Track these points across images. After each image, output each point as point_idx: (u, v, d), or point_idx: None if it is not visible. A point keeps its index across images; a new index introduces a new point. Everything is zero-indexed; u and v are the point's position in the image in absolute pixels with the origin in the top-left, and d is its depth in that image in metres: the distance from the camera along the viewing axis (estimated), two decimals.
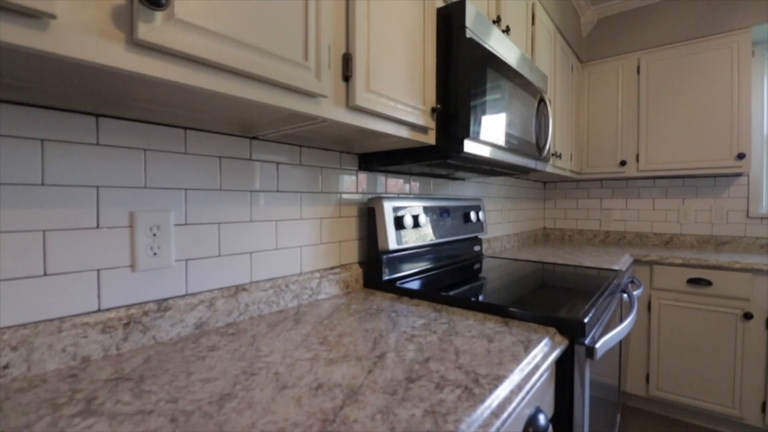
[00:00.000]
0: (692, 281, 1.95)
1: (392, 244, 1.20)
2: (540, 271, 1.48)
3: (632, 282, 1.92)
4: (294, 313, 0.97)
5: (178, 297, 0.83)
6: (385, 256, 1.21)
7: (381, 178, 1.38)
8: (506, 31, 1.42)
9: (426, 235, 1.38)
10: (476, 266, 1.58)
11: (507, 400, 0.58)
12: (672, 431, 1.96)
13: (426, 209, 1.40)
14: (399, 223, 1.24)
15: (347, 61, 0.78)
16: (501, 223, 2.30)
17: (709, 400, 1.93)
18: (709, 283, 1.91)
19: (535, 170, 1.55)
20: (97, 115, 0.73)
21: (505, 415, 0.56)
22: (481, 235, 1.83)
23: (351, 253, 1.25)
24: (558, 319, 0.87)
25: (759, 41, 2.25)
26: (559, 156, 2.06)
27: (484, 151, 1.11)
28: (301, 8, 0.69)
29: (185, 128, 0.85)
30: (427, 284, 1.20)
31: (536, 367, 0.70)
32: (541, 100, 1.49)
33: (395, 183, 1.45)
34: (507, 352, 0.72)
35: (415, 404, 0.54)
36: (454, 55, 1.05)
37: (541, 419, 0.71)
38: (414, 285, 1.19)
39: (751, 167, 2.27)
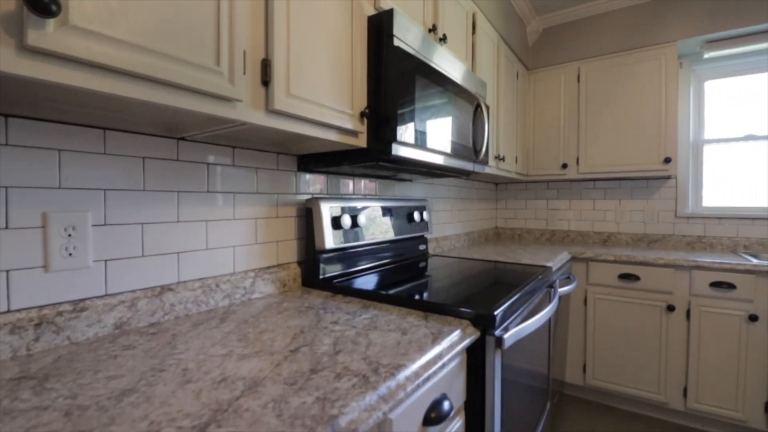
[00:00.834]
0: (623, 276, 2.10)
1: (329, 244, 1.24)
2: (478, 269, 1.55)
3: (567, 278, 2.04)
4: (223, 313, 0.98)
5: (97, 297, 0.83)
6: (321, 256, 1.24)
7: (321, 179, 1.41)
8: (443, 39, 1.49)
9: (367, 234, 1.42)
10: (420, 264, 1.64)
11: (401, 387, 0.63)
12: (606, 417, 2.10)
13: (367, 209, 1.44)
14: (336, 223, 1.28)
15: (266, 66, 0.81)
16: (451, 223, 2.38)
17: (638, 387, 2.08)
18: (637, 278, 2.07)
19: (473, 172, 1.63)
20: (7, 116, 0.72)
21: (395, 400, 0.60)
22: (426, 235, 1.90)
23: (289, 252, 1.28)
24: (472, 312, 0.93)
25: (685, 54, 2.45)
26: (503, 159, 2.16)
27: (414, 154, 1.17)
28: (212, 15, 0.71)
29: (104, 129, 0.84)
30: (367, 282, 1.24)
31: (440, 357, 0.75)
32: (478, 106, 1.57)
33: (338, 184, 1.48)
34: (415, 344, 0.77)
35: (310, 393, 0.58)
36: (384, 62, 1.10)
37: (446, 405, 0.76)
38: (353, 283, 1.22)
39: (677, 171, 2.47)
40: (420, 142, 1.18)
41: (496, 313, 0.92)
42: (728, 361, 1.87)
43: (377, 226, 1.50)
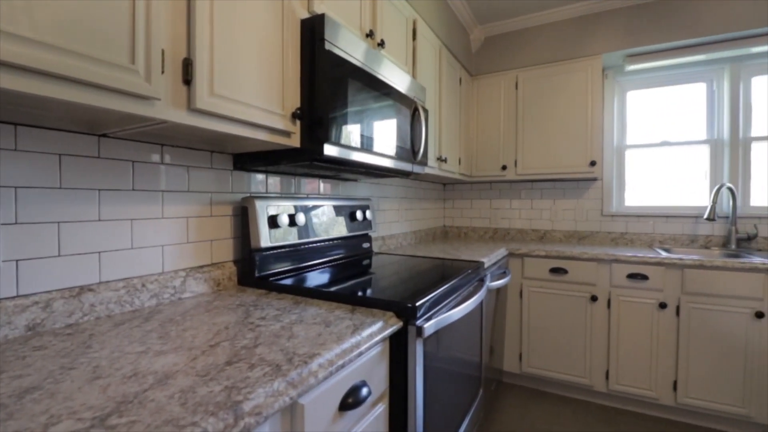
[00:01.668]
0: (553, 270, 2.27)
1: (265, 243, 1.25)
2: (417, 265, 1.62)
3: (503, 272, 2.17)
4: (148, 312, 0.97)
5: (7, 299, 0.80)
6: (257, 254, 1.25)
7: (260, 178, 1.42)
8: (381, 44, 1.54)
9: (306, 233, 1.45)
10: (364, 262, 1.69)
11: (312, 374, 0.67)
12: (540, 402, 2.26)
13: (306, 208, 1.47)
14: (273, 222, 1.29)
15: (187, 65, 0.82)
16: (398, 222, 2.45)
17: (567, 372, 2.26)
18: (565, 271, 2.24)
19: (412, 173, 1.70)
20: None
21: (305, 386, 0.64)
22: (371, 233, 1.95)
23: (225, 251, 1.28)
24: (396, 304, 0.99)
25: (609, 66, 2.68)
26: (445, 160, 2.26)
27: (347, 155, 1.21)
28: (126, 14, 0.71)
29: (15, 124, 0.82)
30: (305, 280, 1.27)
31: (357, 346, 0.80)
32: (416, 110, 1.64)
33: (278, 183, 1.50)
34: (335, 335, 0.81)
35: (220, 383, 0.60)
36: (316, 65, 1.13)
37: (364, 391, 0.81)
38: (290, 281, 1.25)
39: (603, 173, 2.69)
40: (353, 143, 1.22)
41: (418, 304, 0.99)
42: (642, 345, 2.08)
43: (318, 225, 1.53)
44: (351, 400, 0.78)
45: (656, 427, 2.02)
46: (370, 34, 1.47)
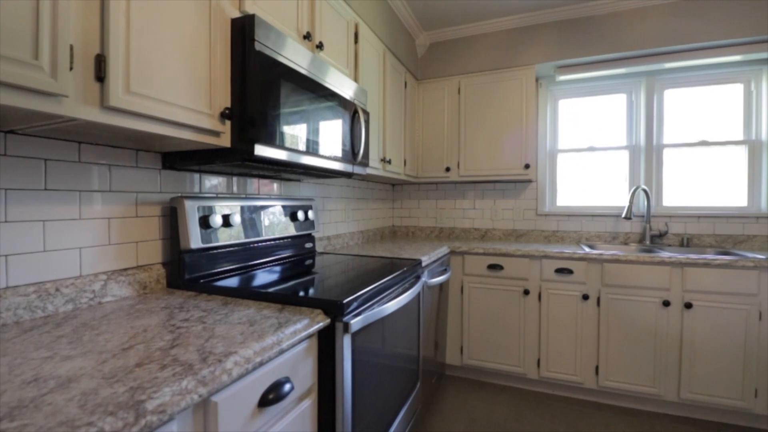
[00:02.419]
0: (491, 267, 2.40)
1: (195, 244, 1.23)
2: (358, 264, 1.66)
3: (444, 269, 2.27)
4: (62, 318, 0.93)
5: None
6: (187, 256, 1.23)
7: (194, 177, 1.39)
8: (320, 47, 1.56)
9: (242, 233, 1.44)
10: (306, 262, 1.70)
11: (225, 372, 0.68)
12: (479, 392, 2.38)
13: (243, 208, 1.46)
14: (205, 223, 1.27)
15: (100, 62, 0.80)
16: (344, 222, 2.48)
17: (503, 362, 2.40)
18: (501, 267, 2.38)
19: (353, 173, 1.73)
20: None
21: (219, 384, 0.65)
22: (314, 233, 1.96)
23: (152, 253, 1.24)
24: (324, 302, 1.02)
25: (543, 76, 2.87)
26: (389, 161, 2.31)
27: (280, 155, 1.22)
28: (29, 7, 0.68)
29: None
30: (240, 281, 1.26)
31: (278, 343, 0.82)
32: (356, 112, 1.68)
33: (213, 182, 1.47)
34: (256, 334, 0.83)
35: (126, 384, 0.60)
36: (247, 65, 1.13)
37: (286, 387, 0.84)
38: (223, 283, 1.23)
39: (537, 175, 2.88)
40: (287, 144, 1.23)
41: (345, 301, 1.02)
42: (568, 334, 2.25)
43: (256, 225, 1.52)
44: (272, 396, 0.80)
45: (582, 409, 2.20)
46: (307, 36, 1.48)
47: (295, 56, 1.31)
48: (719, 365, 1.99)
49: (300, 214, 1.77)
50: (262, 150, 1.14)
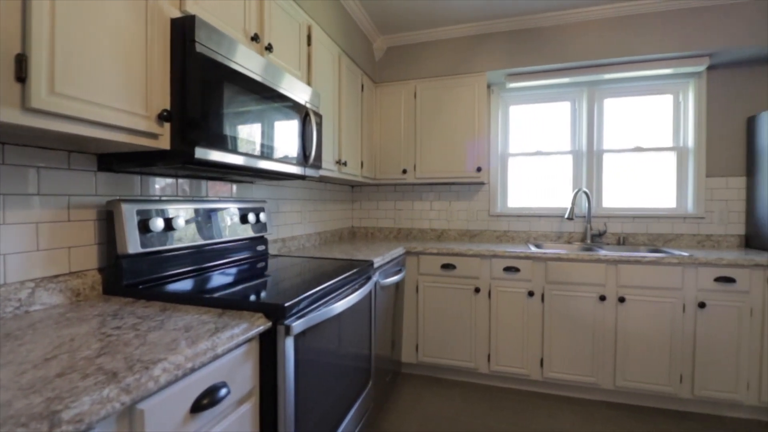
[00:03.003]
0: (444, 266, 2.48)
1: (134, 248, 1.20)
2: (311, 266, 1.66)
3: (399, 270, 2.32)
4: None
5: None
6: (125, 261, 1.19)
7: (135, 180, 1.35)
8: (269, 48, 1.56)
9: (188, 237, 1.41)
10: (258, 265, 1.68)
11: (152, 379, 0.68)
12: (433, 388, 2.45)
13: (187, 211, 1.43)
14: (145, 226, 1.24)
15: (21, 62, 0.77)
16: (300, 224, 2.47)
17: (456, 358, 2.48)
18: (454, 267, 2.46)
19: (306, 176, 1.74)
20: None
21: (145, 391, 0.65)
22: (267, 236, 1.95)
23: (87, 259, 1.19)
24: (265, 305, 1.02)
25: (494, 83, 2.99)
26: (345, 164, 2.33)
27: (223, 158, 1.21)
28: None
29: None
30: (183, 286, 1.24)
31: (212, 348, 0.82)
32: (307, 114, 1.68)
33: (156, 185, 1.43)
34: (190, 340, 0.83)
35: (42, 395, 0.59)
36: (187, 67, 1.12)
37: (222, 392, 0.84)
38: (165, 288, 1.21)
39: (489, 178, 3.00)
40: (231, 146, 1.22)
41: (287, 304, 1.03)
42: (516, 329, 2.37)
43: (203, 228, 1.49)
44: (206, 401, 0.80)
45: (528, 399, 2.32)
46: (255, 38, 1.48)
47: (241, 58, 1.30)
48: (649, 354, 2.17)
49: (251, 217, 1.76)
50: (203, 153, 1.13)
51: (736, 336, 2.07)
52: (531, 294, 2.32)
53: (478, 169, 2.71)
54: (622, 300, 2.18)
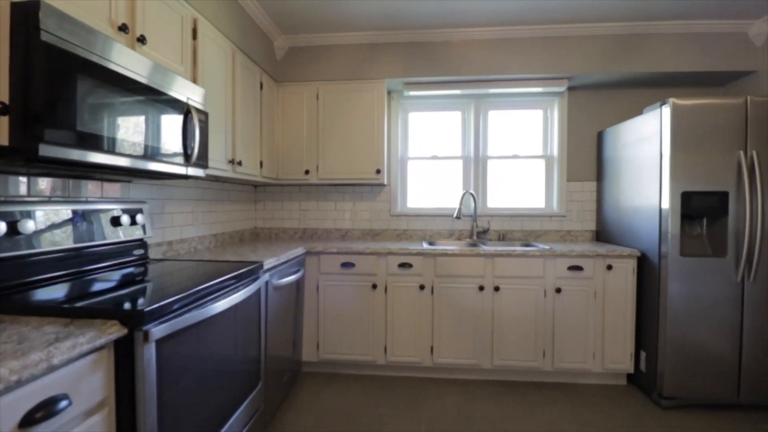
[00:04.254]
0: (344, 265, 2.56)
1: None
2: (196, 270, 1.61)
3: (297, 270, 2.34)
4: None
5: None
6: None
7: None
8: (141, 40, 1.47)
9: (40, 242, 1.28)
10: (131, 270, 1.58)
11: None
12: (334, 383, 2.52)
13: (39, 213, 1.29)
14: None
15: None
16: (192, 225, 2.36)
17: (355, 353, 2.58)
18: (353, 265, 2.56)
19: (188, 175, 1.67)
20: None
21: None
22: (146, 239, 1.83)
23: None
24: (120, 312, 0.99)
25: (394, 90, 3.16)
26: (240, 163, 2.28)
27: (75, 155, 1.12)
28: None
29: None
30: (33, 297, 1.12)
31: (46, 359, 0.78)
32: (188, 111, 1.62)
33: (13, 184, 1.27)
34: (20, 352, 0.77)
35: None
36: (31, 57, 1.02)
37: (62, 404, 0.80)
38: (17, 299, 1.08)
39: (389, 179, 3.15)
40: (89, 143, 1.14)
41: (147, 310, 1.01)
42: (409, 321, 2.55)
43: (63, 232, 1.36)
44: (40, 415, 0.76)
45: (421, 384, 2.51)
46: (123, 28, 1.39)
47: (102, 49, 1.22)
48: (519, 335, 2.49)
49: (124, 219, 1.64)
50: (49, 150, 1.04)
51: (584, 315, 2.47)
52: (422, 287, 2.52)
53: (378, 171, 2.84)
54: (497, 289, 2.48)
